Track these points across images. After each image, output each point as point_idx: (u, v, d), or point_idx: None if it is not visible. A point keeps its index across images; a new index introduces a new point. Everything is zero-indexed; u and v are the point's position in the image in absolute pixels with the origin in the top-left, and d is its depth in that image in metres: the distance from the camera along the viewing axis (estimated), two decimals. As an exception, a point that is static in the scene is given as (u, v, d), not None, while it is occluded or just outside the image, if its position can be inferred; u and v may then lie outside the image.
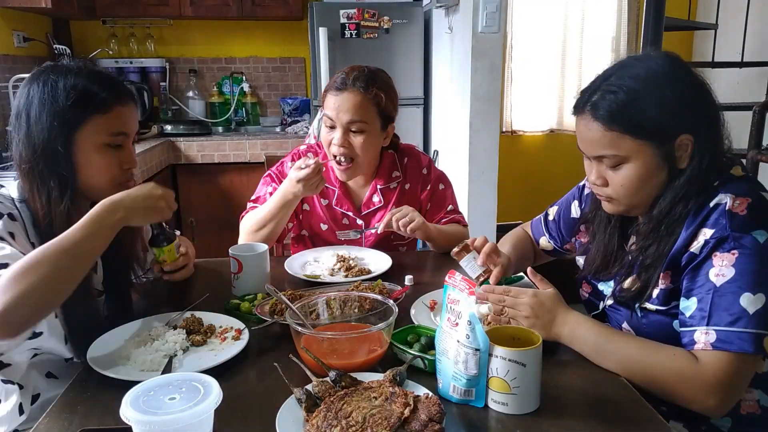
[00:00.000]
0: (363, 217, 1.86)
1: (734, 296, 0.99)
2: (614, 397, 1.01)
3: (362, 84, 1.66)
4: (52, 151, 1.15)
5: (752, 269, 0.99)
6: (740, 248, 1.00)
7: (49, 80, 1.17)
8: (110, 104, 1.20)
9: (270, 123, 4.24)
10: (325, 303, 1.25)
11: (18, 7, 3.16)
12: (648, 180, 1.10)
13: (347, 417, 0.86)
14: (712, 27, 3.47)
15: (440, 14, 3.36)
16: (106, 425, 0.93)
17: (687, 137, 1.07)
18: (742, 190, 1.06)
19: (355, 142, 1.70)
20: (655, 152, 1.08)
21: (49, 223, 1.17)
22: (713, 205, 1.05)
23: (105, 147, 1.21)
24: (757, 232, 1.00)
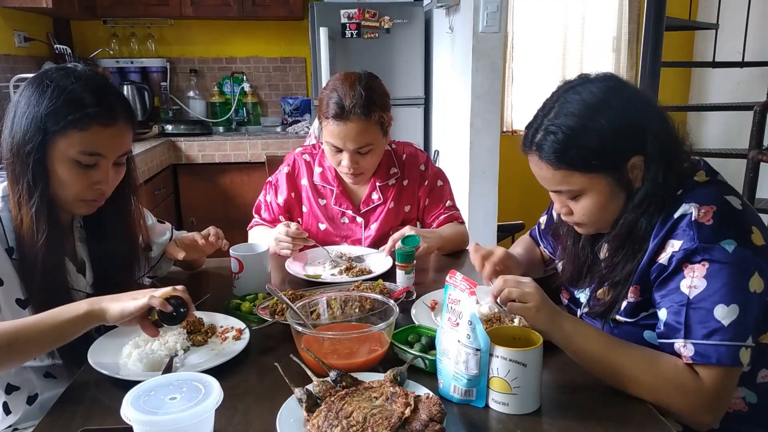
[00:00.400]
0: (362, 215, 1.86)
1: (708, 309, 0.98)
2: (614, 397, 1.01)
3: (363, 110, 1.64)
4: (25, 153, 1.12)
5: (724, 281, 0.97)
6: (710, 260, 0.99)
7: (43, 83, 1.14)
8: (90, 122, 1.13)
9: (271, 123, 4.24)
10: (325, 303, 1.25)
11: (19, 7, 3.16)
12: (608, 205, 1.11)
13: (348, 417, 0.86)
14: (712, 27, 3.47)
15: (441, 14, 3.36)
16: (107, 425, 0.93)
17: (637, 159, 1.07)
18: (707, 197, 1.05)
19: (364, 161, 1.73)
20: (608, 180, 1.08)
21: (20, 222, 1.15)
22: (678, 216, 1.04)
23: (75, 163, 1.15)
24: (725, 241, 0.99)
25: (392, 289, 1.40)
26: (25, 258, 1.16)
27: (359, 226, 1.86)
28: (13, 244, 1.17)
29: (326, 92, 1.70)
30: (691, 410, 0.99)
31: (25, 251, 1.16)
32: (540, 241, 1.56)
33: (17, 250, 1.17)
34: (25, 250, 1.16)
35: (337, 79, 1.71)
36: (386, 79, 3.76)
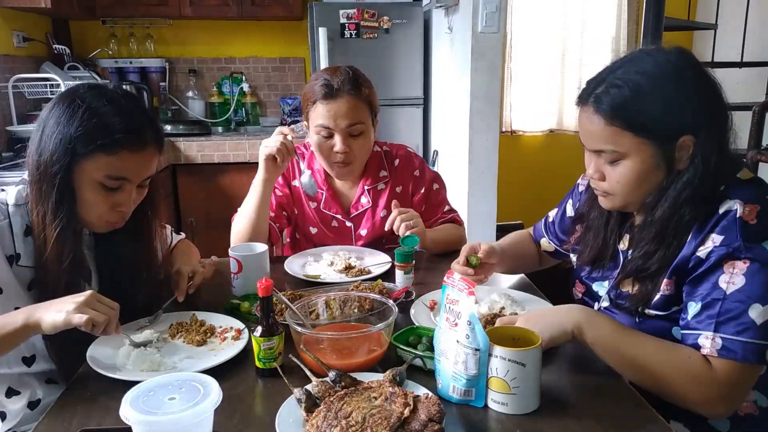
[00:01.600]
0: (352, 219, 1.85)
1: (743, 306, 0.98)
2: (614, 397, 1.01)
3: (352, 87, 1.64)
4: (52, 174, 1.12)
5: (763, 281, 0.98)
6: (752, 258, 0.98)
7: (75, 103, 1.13)
8: (119, 147, 1.13)
9: (270, 123, 4.24)
10: (324, 303, 1.25)
11: (18, 7, 3.16)
12: (645, 178, 1.09)
13: (347, 417, 0.86)
14: (711, 27, 3.47)
15: (440, 14, 3.36)
16: (106, 425, 0.93)
17: (689, 138, 1.05)
18: (751, 196, 1.04)
19: (356, 145, 1.70)
20: (654, 151, 1.06)
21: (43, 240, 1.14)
22: (723, 211, 1.03)
23: (99, 185, 1.15)
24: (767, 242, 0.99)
25: (391, 289, 1.40)
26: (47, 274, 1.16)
27: (349, 230, 1.85)
28: (20, 250, 1.16)
29: (309, 84, 1.71)
30: (706, 400, 1.00)
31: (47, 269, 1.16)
32: (545, 233, 1.54)
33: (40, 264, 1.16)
34: (48, 268, 1.15)
35: (318, 72, 1.72)
36: (385, 79, 3.78)
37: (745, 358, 0.97)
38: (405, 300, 1.36)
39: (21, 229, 1.17)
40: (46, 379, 1.24)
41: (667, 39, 3.09)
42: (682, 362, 1.01)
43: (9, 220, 1.17)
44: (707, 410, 1.02)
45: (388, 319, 1.10)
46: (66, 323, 1.02)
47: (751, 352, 0.97)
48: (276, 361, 1.07)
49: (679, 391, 1.01)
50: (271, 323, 1.07)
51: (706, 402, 1.00)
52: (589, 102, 1.09)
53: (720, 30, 3.50)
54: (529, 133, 4.37)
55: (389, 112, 3.60)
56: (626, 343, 1.05)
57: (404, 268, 1.47)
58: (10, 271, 1.15)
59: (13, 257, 1.16)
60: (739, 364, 0.98)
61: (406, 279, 1.47)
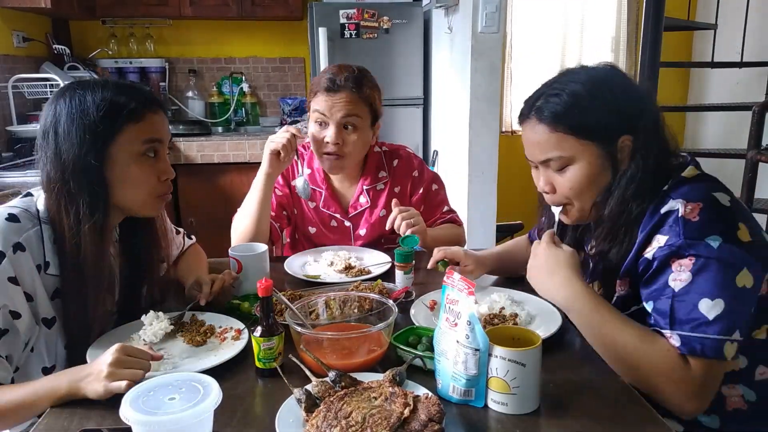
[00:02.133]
0: (350, 219, 1.85)
1: (693, 302, 0.99)
2: (614, 397, 1.01)
3: (354, 84, 1.68)
4: (84, 166, 1.10)
5: (709, 275, 0.99)
6: (696, 255, 1.00)
7: (76, 95, 1.13)
8: (142, 111, 1.15)
9: (270, 123, 4.24)
10: (324, 303, 1.25)
11: (18, 7, 3.16)
12: (594, 180, 1.12)
13: (347, 417, 0.86)
14: (711, 27, 3.47)
15: (440, 14, 3.36)
16: (106, 425, 0.93)
17: (627, 138, 1.10)
18: (694, 194, 1.06)
19: (349, 140, 1.71)
20: (599, 152, 1.11)
21: (76, 243, 1.12)
22: (665, 211, 1.06)
23: (141, 156, 1.16)
24: (710, 237, 1.00)
25: (391, 290, 1.40)
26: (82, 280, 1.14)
27: (348, 230, 1.85)
28: (50, 259, 1.14)
29: (317, 77, 1.75)
30: (676, 396, 1.01)
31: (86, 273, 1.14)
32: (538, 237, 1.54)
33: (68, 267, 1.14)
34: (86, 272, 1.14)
35: (330, 66, 1.75)
36: (385, 79, 3.77)
37: (703, 353, 0.98)
38: (405, 300, 1.36)
39: (51, 236, 1.14)
40: None
41: (666, 39, 3.09)
42: (660, 356, 1.02)
43: (40, 227, 1.14)
44: (678, 406, 1.02)
45: (388, 319, 1.10)
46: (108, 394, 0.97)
47: (708, 347, 0.98)
48: (276, 361, 1.07)
49: (655, 385, 1.02)
50: (271, 323, 1.07)
51: (679, 398, 1.01)
52: (531, 115, 1.15)
53: (720, 30, 3.50)
54: (528, 133, 4.37)
55: (389, 112, 3.60)
56: (607, 326, 1.07)
57: (404, 268, 1.47)
58: (40, 280, 1.13)
59: (41, 266, 1.13)
60: (705, 360, 0.99)
61: (406, 279, 1.47)
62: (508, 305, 1.31)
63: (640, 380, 1.03)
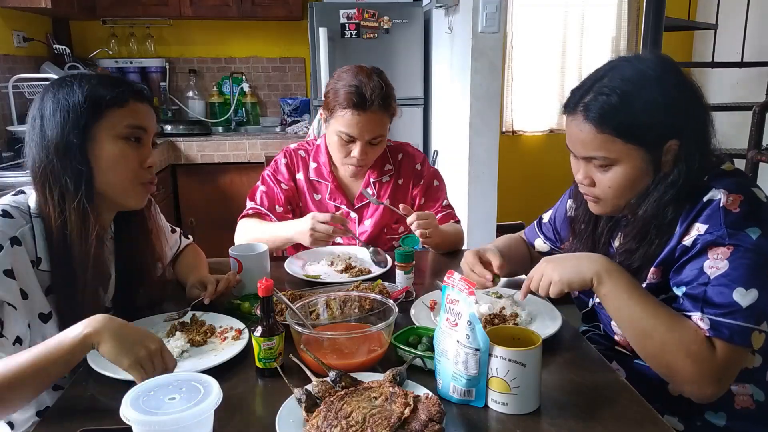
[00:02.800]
0: (356, 210, 1.88)
1: (728, 289, 1.00)
2: (614, 397, 1.01)
3: (382, 103, 1.68)
4: (66, 144, 1.12)
5: (746, 264, 1.00)
6: (735, 244, 1.01)
7: (65, 83, 1.16)
8: (126, 98, 1.18)
9: (270, 123, 4.24)
10: (325, 303, 1.25)
11: (18, 7, 3.16)
12: (635, 183, 1.11)
13: (347, 417, 0.86)
14: (712, 27, 3.47)
15: (440, 14, 3.36)
16: (106, 425, 0.93)
17: (674, 142, 1.08)
18: (734, 186, 1.06)
19: (372, 151, 1.76)
20: (644, 156, 1.09)
21: (61, 226, 1.13)
22: (706, 200, 1.06)
23: (123, 140, 1.17)
24: (750, 229, 1.01)
25: (391, 290, 1.40)
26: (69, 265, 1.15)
27: (353, 221, 1.87)
28: (42, 254, 1.15)
29: (338, 83, 1.70)
30: (698, 378, 1.01)
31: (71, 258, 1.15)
32: (539, 234, 1.55)
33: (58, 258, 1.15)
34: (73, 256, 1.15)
35: (349, 71, 1.72)
36: (385, 79, 3.74)
37: (731, 338, 0.99)
38: (405, 300, 1.36)
39: (42, 233, 1.16)
40: (54, 385, 1.24)
41: (667, 39, 3.09)
42: (687, 337, 1.02)
43: (32, 224, 1.15)
44: (697, 389, 1.02)
45: (388, 319, 1.10)
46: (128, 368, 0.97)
47: (737, 333, 0.99)
48: (276, 361, 1.07)
49: (677, 364, 1.02)
50: (271, 323, 1.07)
51: (700, 380, 1.01)
52: (578, 110, 1.11)
53: (720, 30, 3.50)
54: (529, 133, 4.37)
55: (389, 112, 3.60)
56: (639, 304, 1.06)
57: (404, 268, 1.47)
58: (35, 276, 1.14)
59: (34, 262, 1.14)
60: (730, 346, 0.99)
61: (406, 279, 1.47)
62: (508, 305, 1.31)
63: (661, 360, 1.04)
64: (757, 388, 1.12)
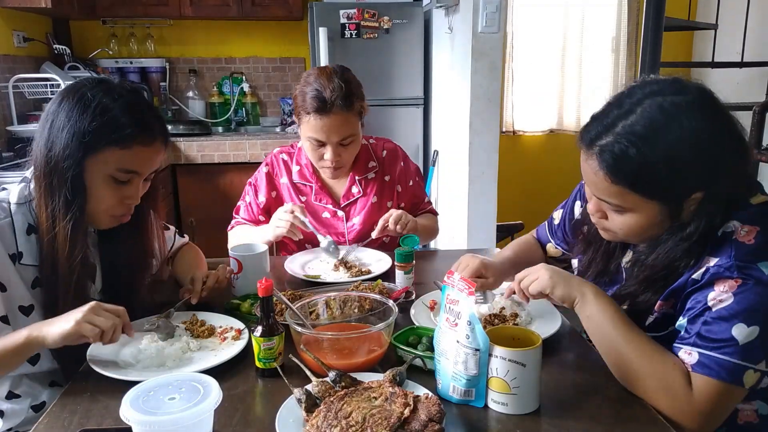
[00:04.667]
0: (343, 209, 1.88)
1: (727, 323, 0.94)
2: (614, 397, 1.01)
3: (345, 102, 1.66)
4: (63, 168, 1.12)
5: (752, 300, 0.94)
6: (744, 278, 0.95)
7: (85, 97, 1.13)
8: (131, 141, 1.14)
9: (270, 123, 4.24)
10: (324, 303, 1.25)
11: (18, 7, 3.16)
12: (650, 229, 1.06)
13: (347, 417, 0.86)
14: (712, 27, 3.47)
15: (440, 14, 3.36)
16: (106, 425, 0.93)
17: (699, 194, 1.00)
18: (753, 218, 1.00)
19: (346, 152, 1.76)
20: (662, 208, 1.02)
21: (53, 236, 1.14)
22: (721, 233, 1.00)
23: (111, 179, 1.16)
24: (763, 263, 0.95)
25: (391, 289, 1.40)
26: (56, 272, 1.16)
27: (341, 220, 1.88)
28: (24, 248, 1.16)
29: (302, 88, 1.71)
30: (673, 414, 0.97)
31: (58, 267, 1.15)
32: (551, 237, 1.51)
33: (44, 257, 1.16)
34: (58, 266, 1.15)
35: (310, 75, 1.72)
36: (385, 79, 3.78)
37: (719, 375, 0.94)
38: (405, 300, 1.36)
39: (23, 227, 1.17)
40: (50, 381, 1.24)
41: (667, 39, 3.08)
42: (664, 371, 0.98)
43: (11, 219, 1.16)
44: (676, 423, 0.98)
45: (388, 319, 1.10)
46: (76, 333, 1.02)
47: (726, 370, 0.93)
48: (276, 361, 1.07)
49: (651, 396, 0.99)
50: (271, 323, 1.07)
51: (676, 415, 0.97)
52: (594, 151, 1.02)
53: (720, 30, 3.50)
54: (529, 133, 4.37)
55: (389, 112, 3.60)
56: (618, 333, 1.03)
57: (404, 268, 1.47)
58: (14, 269, 1.15)
59: (15, 256, 1.16)
60: (714, 382, 0.94)
61: (406, 279, 1.47)
62: (508, 305, 1.31)
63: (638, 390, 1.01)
64: (762, 402, 1.09)
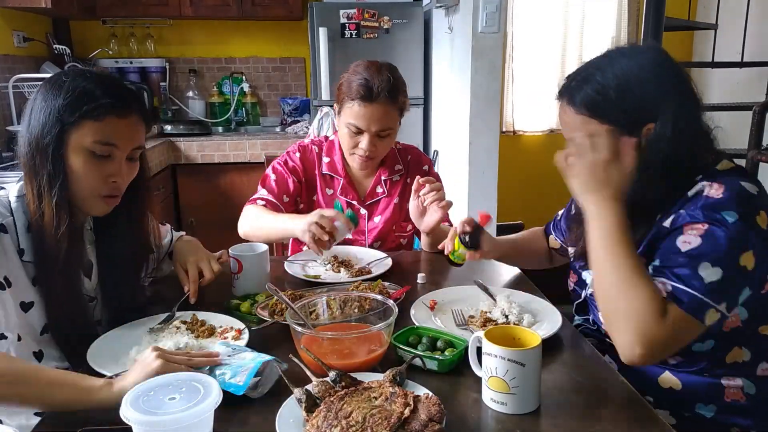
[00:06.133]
0: (367, 207, 1.91)
1: (695, 261, 1.01)
2: (614, 397, 1.01)
3: (390, 95, 1.70)
4: (44, 146, 1.14)
5: (717, 243, 1.01)
6: (710, 221, 1.02)
7: (60, 80, 1.16)
8: (105, 113, 1.15)
9: (270, 123, 4.24)
10: (325, 303, 1.25)
11: (18, 7, 3.16)
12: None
13: (347, 417, 0.86)
14: (712, 27, 3.47)
15: (440, 14, 3.36)
16: (106, 425, 0.93)
17: (651, 125, 1.10)
18: (722, 179, 1.08)
19: (381, 145, 1.79)
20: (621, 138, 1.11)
21: (40, 217, 1.15)
22: (692, 193, 1.09)
23: (89, 154, 1.16)
24: (727, 212, 1.02)
25: (391, 290, 1.40)
26: (45, 255, 1.17)
27: (363, 217, 1.90)
28: (25, 245, 1.17)
29: (349, 75, 1.75)
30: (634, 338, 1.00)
31: (45, 248, 1.16)
32: (552, 230, 1.59)
33: (37, 248, 1.17)
34: (46, 247, 1.16)
35: (359, 65, 1.75)
36: (386, 79, 3.72)
37: (689, 307, 1.00)
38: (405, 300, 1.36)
39: (24, 225, 1.18)
40: None
41: (667, 39, 3.09)
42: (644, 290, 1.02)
43: (13, 217, 1.18)
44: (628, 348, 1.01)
45: (388, 319, 1.10)
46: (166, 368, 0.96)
47: (695, 304, 0.99)
48: None
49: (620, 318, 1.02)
50: None
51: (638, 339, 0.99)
52: (563, 95, 1.19)
53: (720, 30, 3.50)
54: (529, 133, 4.37)
55: (389, 112, 3.60)
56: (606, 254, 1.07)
57: None
58: (21, 266, 1.16)
59: (18, 252, 1.17)
60: (682, 313, 1.00)
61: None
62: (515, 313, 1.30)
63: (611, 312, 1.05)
64: (749, 381, 1.12)
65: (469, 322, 1.27)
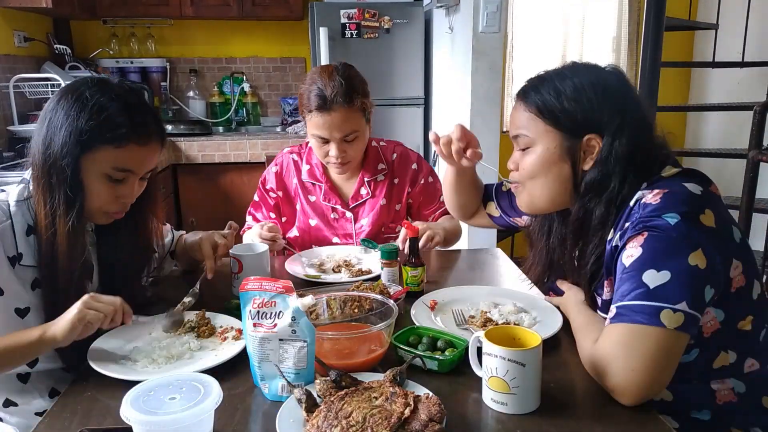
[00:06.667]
0: (352, 210, 1.89)
1: (638, 273, 0.98)
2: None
3: (345, 98, 1.68)
4: (62, 166, 1.12)
5: (659, 248, 0.98)
6: (650, 230, 1.00)
7: (83, 96, 1.14)
8: (126, 140, 1.15)
9: (270, 123, 4.24)
10: (325, 303, 1.25)
11: (18, 7, 3.16)
12: (548, 168, 1.15)
13: (347, 417, 0.86)
14: (712, 27, 3.47)
15: (441, 14, 3.36)
16: (107, 425, 0.93)
17: (595, 138, 1.10)
18: (662, 185, 1.06)
19: (351, 148, 1.77)
20: (559, 142, 1.13)
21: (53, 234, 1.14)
22: (633, 203, 1.07)
23: (105, 177, 1.17)
24: (668, 215, 0.99)
25: (392, 290, 1.40)
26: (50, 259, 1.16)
27: (349, 221, 1.88)
28: (24, 249, 1.16)
29: (305, 87, 1.74)
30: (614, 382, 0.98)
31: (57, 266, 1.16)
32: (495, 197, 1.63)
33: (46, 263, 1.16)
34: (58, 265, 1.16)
35: (314, 73, 1.74)
36: (386, 79, 3.77)
37: (632, 319, 0.97)
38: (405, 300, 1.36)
39: (23, 228, 1.17)
40: (50, 390, 1.24)
41: (667, 39, 3.09)
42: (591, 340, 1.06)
43: (11, 221, 1.17)
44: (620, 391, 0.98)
45: (388, 319, 1.10)
46: (81, 320, 1.05)
47: (638, 312, 0.96)
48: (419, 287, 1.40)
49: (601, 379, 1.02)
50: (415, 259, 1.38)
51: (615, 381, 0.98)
52: (520, 94, 1.20)
53: (721, 30, 3.50)
54: (529, 133, 4.37)
55: (389, 112, 3.60)
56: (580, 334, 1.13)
57: (390, 265, 1.47)
58: (11, 273, 1.15)
59: (16, 258, 1.16)
60: (627, 325, 0.97)
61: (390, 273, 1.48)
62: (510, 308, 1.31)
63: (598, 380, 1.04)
64: (738, 380, 1.11)
65: (470, 322, 1.27)
